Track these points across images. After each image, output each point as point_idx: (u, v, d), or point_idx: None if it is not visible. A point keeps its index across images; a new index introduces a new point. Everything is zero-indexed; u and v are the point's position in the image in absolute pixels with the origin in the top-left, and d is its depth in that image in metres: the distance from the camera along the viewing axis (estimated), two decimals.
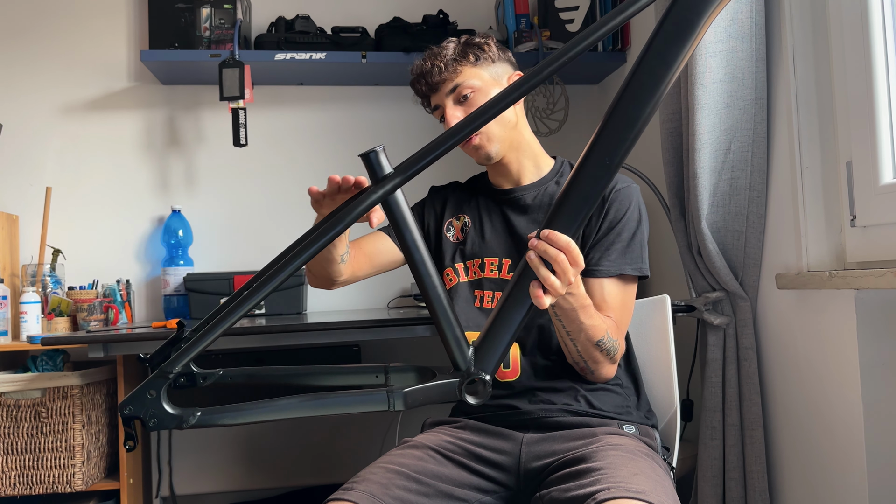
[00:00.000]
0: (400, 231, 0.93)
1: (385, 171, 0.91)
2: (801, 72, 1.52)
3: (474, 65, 1.38)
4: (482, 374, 0.90)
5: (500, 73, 1.41)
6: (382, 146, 0.90)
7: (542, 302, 0.92)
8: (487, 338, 0.92)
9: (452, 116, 1.37)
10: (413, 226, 0.93)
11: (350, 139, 2.54)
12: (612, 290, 1.32)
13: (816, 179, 1.51)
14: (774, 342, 1.62)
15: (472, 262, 1.42)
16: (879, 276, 1.23)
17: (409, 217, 0.93)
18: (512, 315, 0.91)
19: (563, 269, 0.93)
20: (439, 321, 0.92)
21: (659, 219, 2.13)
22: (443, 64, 1.37)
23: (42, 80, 2.41)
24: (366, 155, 0.90)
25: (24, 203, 2.36)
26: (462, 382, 0.91)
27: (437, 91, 1.39)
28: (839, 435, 1.42)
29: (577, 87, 2.59)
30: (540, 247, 0.92)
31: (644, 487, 1.01)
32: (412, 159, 0.89)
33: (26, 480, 1.89)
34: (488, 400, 1.30)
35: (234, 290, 2.24)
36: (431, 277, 0.93)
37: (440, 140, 0.88)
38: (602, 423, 1.28)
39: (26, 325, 2.08)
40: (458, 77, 1.37)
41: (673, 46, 0.84)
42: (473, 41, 1.40)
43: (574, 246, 0.93)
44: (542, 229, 0.92)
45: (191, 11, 2.29)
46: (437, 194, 1.55)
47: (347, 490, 1.15)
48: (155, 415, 0.87)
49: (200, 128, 2.48)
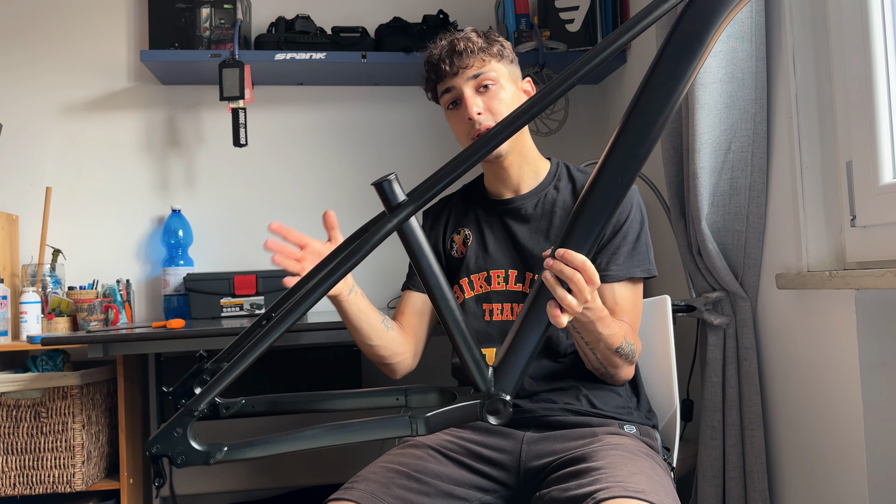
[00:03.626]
0: (416, 257, 0.94)
1: (399, 199, 0.92)
2: (801, 72, 1.52)
3: (499, 59, 1.36)
4: (502, 395, 0.92)
5: (516, 74, 1.40)
6: (395, 174, 0.91)
7: (560, 321, 0.93)
8: (506, 358, 0.93)
9: (473, 103, 1.32)
10: (428, 251, 0.95)
11: (350, 139, 2.54)
12: (623, 294, 1.32)
13: (816, 179, 1.51)
14: (774, 342, 1.62)
15: (477, 277, 1.40)
16: (879, 276, 1.23)
17: (423, 243, 0.94)
18: (530, 335, 0.93)
19: (580, 288, 0.94)
20: (458, 344, 0.94)
21: (659, 219, 2.13)
22: (475, 47, 1.33)
23: (42, 80, 2.41)
24: (379, 184, 0.91)
25: (24, 203, 2.36)
26: (483, 403, 0.92)
27: (459, 75, 1.34)
28: (839, 435, 1.42)
29: (577, 87, 2.58)
30: (556, 266, 0.93)
31: (644, 487, 1.01)
32: (426, 185, 0.91)
33: (26, 480, 1.89)
34: None
35: (234, 289, 2.24)
36: (448, 301, 0.94)
37: (456, 162, 0.89)
38: (602, 423, 1.28)
39: (26, 325, 2.08)
40: (485, 66, 1.34)
41: (681, 62, 0.84)
42: (495, 36, 1.38)
43: (590, 265, 0.94)
44: (556, 248, 0.93)
45: (191, 11, 2.29)
46: (435, 214, 1.52)
47: (348, 490, 1.15)
48: (183, 452, 0.89)
49: (200, 128, 2.48)
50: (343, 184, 2.52)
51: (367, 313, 1.33)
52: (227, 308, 2.25)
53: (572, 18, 2.44)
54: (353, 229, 1.12)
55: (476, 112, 1.32)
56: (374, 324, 1.35)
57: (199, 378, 1.07)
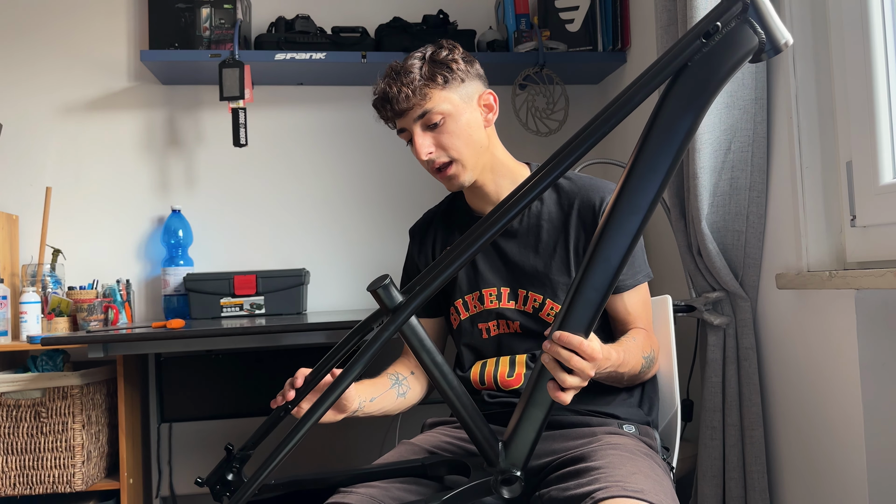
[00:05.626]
0: (419, 354, 1.00)
1: (395, 302, 0.96)
2: (801, 72, 1.52)
3: (443, 87, 1.27)
4: (514, 471, 0.98)
5: (470, 92, 1.31)
6: (389, 277, 0.95)
7: (563, 399, 0.96)
8: (514, 435, 0.99)
9: (422, 145, 1.27)
10: (430, 345, 1.00)
11: (350, 139, 2.54)
12: (633, 301, 1.33)
13: (816, 179, 1.51)
14: (774, 342, 1.62)
15: (470, 297, 1.38)
16: (879, 276, 1.23)
17: (425, 339, 1.00)
18: (535, 414, 0.99)
19: (579, 368, 0.96)
20: (468, 425, 1.00)
21: (659, 219, 2.13)
22: (410, 90, 1.25)
23: (42, 80, 2.41)
24: (374, 290, 0.95)
25: (24, 203, 2.36)
26: (496, 479, 0.98)
27: (404, 116, 1.29)
28: (839, 435, 1.42)
29: (577, 87, 2.58)
30: (552, 350, 0.95)
31: (642, 486, 1.01)
32: (421, 285, 0.96)
33: (26, 480, 1.89)
34: (489, 399, 1.31)
35: (234, 290, 2.24)
36: (455, 389, 1.01)
37: (446, 264, 0.95)
38: (602, 423, 1.28)
39: (26, 325, 2.08)
40: (428, 103, 1.26)
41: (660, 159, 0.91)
42: (440, 58, 1.28)
43: (587, 345, 0.95)
44: (554, 329, 0.96)
45: (191, 11, 2.29)
46: (422, 235, 1.48)
47: (347, 493, 1.15)
48: None
49: (200, 128, 2.48)
50: (343, 184, 2.52)
51: (379, 410, 1.33)
52: (227, 308, 2.25)
53: (572, 18, 2.44)
54: (352, 228, 1.14)
55: (427, 153, 1.28)
56: (389, 407, 1.35)
57: (230, 466, 1.18)
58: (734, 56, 0.88)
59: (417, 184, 2.47)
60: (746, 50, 0.88)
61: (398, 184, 2.51)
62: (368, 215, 2.52)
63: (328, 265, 2.48)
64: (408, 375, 1.40)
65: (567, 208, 1.33)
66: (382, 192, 2.52)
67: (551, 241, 1.33)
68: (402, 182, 2.51)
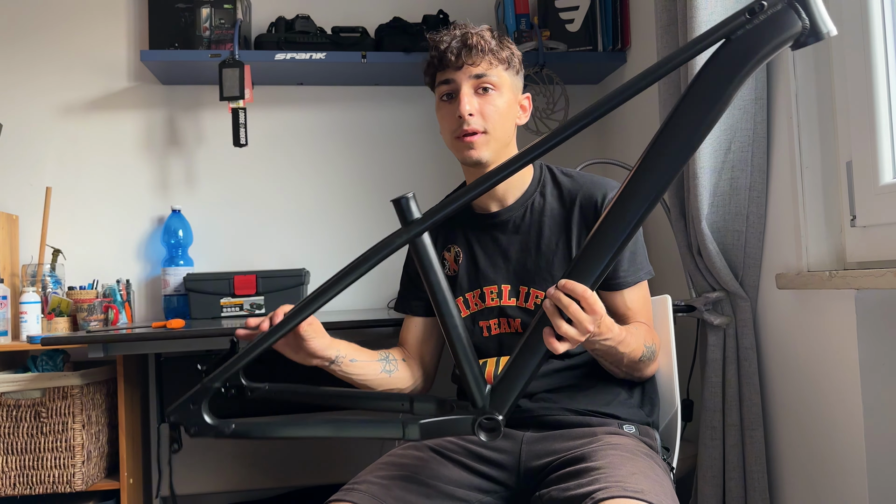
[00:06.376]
0: (426, 271, 1.00)
1: (414, 216, 1.00)
2: (801, 72, 1.52)
3: (505, 66, 1.32)
4: (496, 415, 0.97)
5: (518, 85, 1.36)
6: (413, 193, 1.00)
7: (557, 348, 0.96)
8: (504, 380, 0.98)
9: (469, 102, 1.28)
10: (437, 267, 1.00)
11: (350, 139, 2.54)
12: (633, 297, 1.33)
13: (816, 179, 1.51)
14: (774, 342, 1.62)
15: (471, 294, 1.38)
16: (879, 276, 1.23)
17: (433, 258, 1.01)
18: (527, 361, 0.98)
19: (578, 318, 0.96)
20: (460, 360, 0.99)
21: (659, 219, 2.13)
22: (486, 47, 1.29)
23: (42, 80, 2.41)
24: (397, 200, 1.00)
25: (24, 203, 2.36)
26: (477, 419, 0.98)
27: (462, 70, 1.29)
28: (839, 435, 1.42)
29: (577, 87, 2.58)
30: (555, 295, 0.95)
31: (642, 487, 1.02)
32: (439, 206, 0.99)
33: (26, 480, 1.89)
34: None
35: (234, 290, 2.24)
36: (454, 318, 1.00)
37: (467, 190, 0.98)
38: (602, 423, 1.28)
39: (26, 325, 2.08)
40: (491, 69, 1.30)
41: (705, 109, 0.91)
42: (508, 42, 1.34)
43: (591, 295, 0.95)
44: (562, 277, 0.96)
45: (191, 11, 2.29)
46: None
47: (349, 491, 1.15)
48: (195, 423, 1.00)
49: (200, 128, 2.48)
50: (343, 184, 2.52)
51: (359, 374, 1.31)
52: (227, 308, 2.25)
53: (572, 18, 2.44)
54: (352, 228, 1.16)
55: (468, 112, 1.28)
56: (371, 378, 1.32)
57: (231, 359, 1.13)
58: (777, 37, 0.89)
59: (418, 184, 2.47)
60: (789, 34, 0.89)
61: (398, 184, 2.51)
62: (368, 215, 2.52)
63: (328, 265, 2.47)
64: (399, 359, 1.39)
65: (569, 205, 1.34)
66: (383, 192, 2.52)
67: (553, 237, 1.33)
68: (402, 182, 2.51)
